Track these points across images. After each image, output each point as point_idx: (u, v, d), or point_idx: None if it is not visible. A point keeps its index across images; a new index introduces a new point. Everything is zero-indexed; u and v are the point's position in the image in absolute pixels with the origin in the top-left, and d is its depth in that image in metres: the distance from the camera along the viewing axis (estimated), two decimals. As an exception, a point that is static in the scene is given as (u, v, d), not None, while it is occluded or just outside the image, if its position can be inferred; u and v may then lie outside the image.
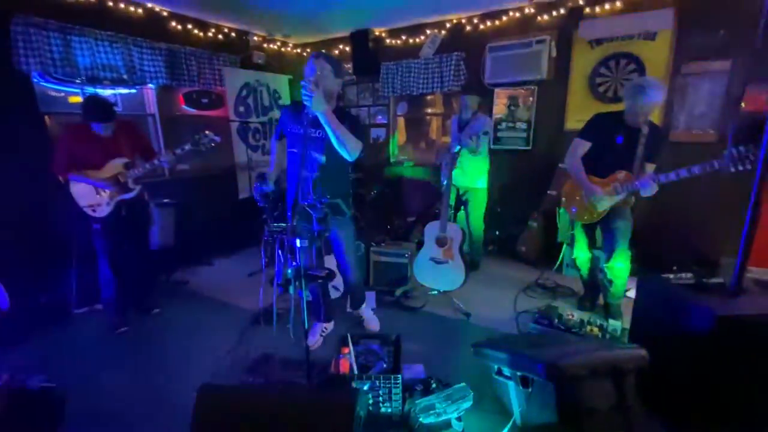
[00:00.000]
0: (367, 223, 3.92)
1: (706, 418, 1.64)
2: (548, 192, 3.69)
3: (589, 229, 2.69)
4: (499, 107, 4.13)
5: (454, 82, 4.16)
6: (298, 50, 5.13)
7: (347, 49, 4.75)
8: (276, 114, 4.93)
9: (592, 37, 3.55)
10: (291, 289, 1.80)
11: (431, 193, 4.45)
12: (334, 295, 2.87)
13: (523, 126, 4.06)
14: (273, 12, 3.87)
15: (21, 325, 2.69)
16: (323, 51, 4.52)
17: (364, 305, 2.63)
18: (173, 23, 3.83)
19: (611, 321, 2.62)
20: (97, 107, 2.48)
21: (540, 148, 3.99)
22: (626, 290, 2.78)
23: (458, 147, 3.04)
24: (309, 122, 1.96)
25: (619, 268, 2.57)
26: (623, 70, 3.45)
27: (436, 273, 2.80)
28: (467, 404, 1.71)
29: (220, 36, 4.26)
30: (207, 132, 2.80)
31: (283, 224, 1.77)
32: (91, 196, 2.60)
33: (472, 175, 3.41)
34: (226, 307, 3.11)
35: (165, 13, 3.75)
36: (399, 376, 1.78)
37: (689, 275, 1.89)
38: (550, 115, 3.87)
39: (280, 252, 1.96)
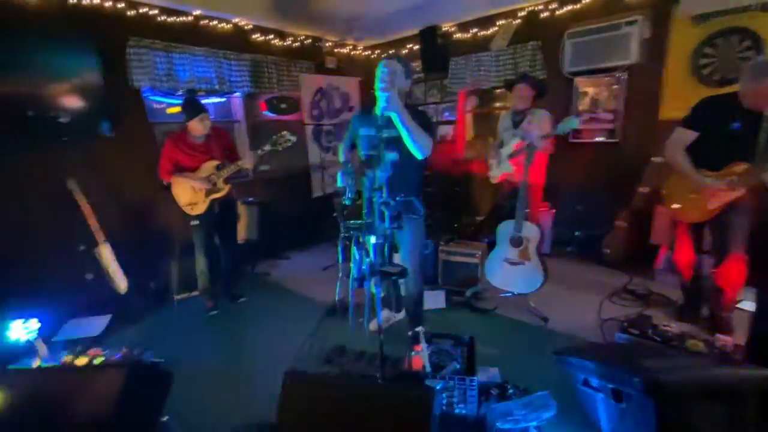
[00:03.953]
0: (435, 222, 3.89)
1: None
2: (639, 189, 3.33)
3: (695, 230, 2.37)
4: (581, 97, 3.83)
5: (530, 72, 3.93)
6: (368, 53, 5.25)
7: (415, 47, 4.75)
8: (346, 116, 5.10)
9: (695, 12, 3.12)
10: (365, 285, 1.85)
11: (496, 192, 4.27)
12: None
13: (609, 116, 3.71)
14: (344, 16, 4.00)
15: (134, 306, 3.12)
16: (393, 52, 4.59)
17: (420, 328, 2.30)
18: (256, 35, 4.15)
19: (719, 336, 2.30)
20: (194, 104, 2.79)
21: (629, 141, 3.62)
22: (738, 301, 2.41)
23: (527, 144, 2.85)
24: (382, 123, 2.00)
25: (731, 274, 2.24)
26: (735, 48, 2.99)
27: (510, 275, 2.68)
28: (549, 414, 1.61)
29: (296, 44, 4.51)
30: (284, 132, 3.00)
31: (359, 222, 1.82)
32: (189, 196, 2.92)
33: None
34: (304, 299, 3.31)
35: (249, 27, 4.08)
36: (475, 378, 1.74)
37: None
38: (642, 103, 3.49)
39: (355, 248, 2.04)
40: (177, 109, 3.95)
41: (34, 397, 1.79)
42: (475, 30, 4.33)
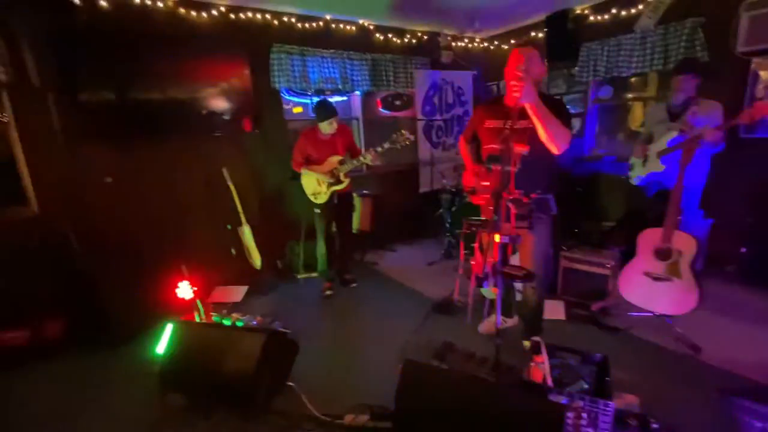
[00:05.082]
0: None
1: None
2: None
3: None
4: (760, 83, 3.09)
5: (687, 54, 3.32)
6: (485, 44, 5.05)
7: (539, 35, 4.41)
8: (458, 111, 5.00)
9: None
10: (485, 285, 1.78)
11: (634, 194, 3.71)
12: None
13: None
14: (466, 8, 3.90)
15: (266, 281, 3.56)
16: (524, 40, 4.34)
17: (539, 338, 2.21)
18: (377, 35, 4.32)
19: None
20: (326, 107, 3.02)
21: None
22: None
23: (689, 139, 2.38)
24: (511, 114, 1.89)
25: None
26: None
27: (653, 292, 2.30)
28: (711, 463, 1.34)
29: (413, 40, 4.57)
30: (403, 131, 3.08)
31: (483, 219, 1.75)
32: (314, 186, 3.20)
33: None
34: (409, 291, 3.37)
35: (371, 27, 4.26)
36: (610, 403, 1.54)
37: None
38: None
39: (477, 246, 1.98)
40: (300, 109, 4.35)
41: (197, 344, 2.16)
42: (614, 10, 3.82)
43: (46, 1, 2.46)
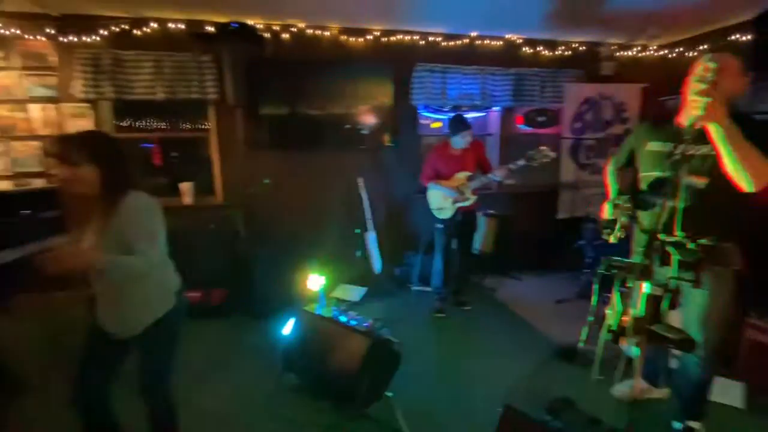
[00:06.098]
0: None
1: None
2: None
3: None
4: None
5: None
6: (663, 52, 4.24)
7: (742, 39, 3.48)
8: (617, 130, 4.32)
9: None
10: (626, 343, 1.46)
11: None
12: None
13: None
14: (640, 14, 3.36)
15: (383, 286, 3.70)
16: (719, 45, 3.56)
17: (698, 424, 1.77)
18: (525, 48, 4.08)
19: None
20: (461, 121, 3.02)
21: None
22: None
23: None
24: (687, 136, 1.51)
25: None
26: None
27: None
28: None
29: (567, 52, 4.16)
30: (542, 148, 2.84)
31: (628, 261, 1.44)
32: (439, 201, 3.19)
33: None
34: (530, 328, 3.03)
35: (519, 41, 4.04)
36: None
37: None
38: None
39: (616, 292, 1.65)
40: (439, 124, 4.40)
41: (314, 334, 2.38)
42: None
43: (244, 37, 3.10)
